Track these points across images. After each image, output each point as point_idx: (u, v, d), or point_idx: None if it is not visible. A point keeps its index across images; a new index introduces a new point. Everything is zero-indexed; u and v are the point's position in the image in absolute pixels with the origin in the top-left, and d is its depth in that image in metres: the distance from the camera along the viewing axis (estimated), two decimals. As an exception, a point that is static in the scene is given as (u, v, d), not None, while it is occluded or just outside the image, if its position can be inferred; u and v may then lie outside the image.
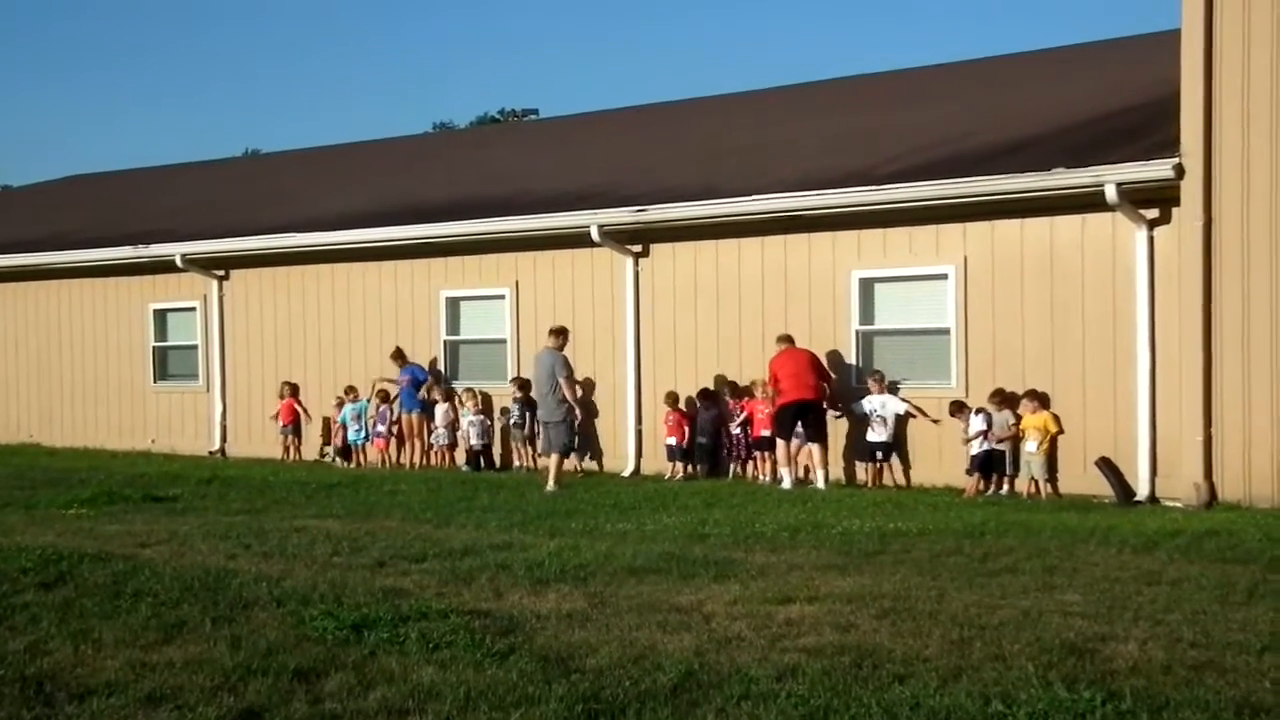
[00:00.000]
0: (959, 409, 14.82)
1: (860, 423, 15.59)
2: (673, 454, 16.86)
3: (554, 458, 15.50)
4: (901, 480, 15.47)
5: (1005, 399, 14.55)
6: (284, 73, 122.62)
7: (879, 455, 15.44)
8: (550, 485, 15.09)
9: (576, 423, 15.95)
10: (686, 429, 16.79)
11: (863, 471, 15.71)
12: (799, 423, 15.31)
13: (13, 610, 7.32)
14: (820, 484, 15.09)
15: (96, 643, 6.54)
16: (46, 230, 25.98)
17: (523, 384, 17.98)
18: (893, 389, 15.42)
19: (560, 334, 16.21)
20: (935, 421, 15.11)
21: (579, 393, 16.30)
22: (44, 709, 5.53)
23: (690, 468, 16.75)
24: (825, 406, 15.51)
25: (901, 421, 15.39)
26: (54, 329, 23.84)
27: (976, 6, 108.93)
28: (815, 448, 15.29)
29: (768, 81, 60.60)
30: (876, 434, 15.39)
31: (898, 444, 15.43)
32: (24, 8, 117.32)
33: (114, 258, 22.19)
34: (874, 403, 15.40)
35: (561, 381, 15.61)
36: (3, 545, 9.57)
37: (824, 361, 15.66)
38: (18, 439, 23.93)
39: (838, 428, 15.85)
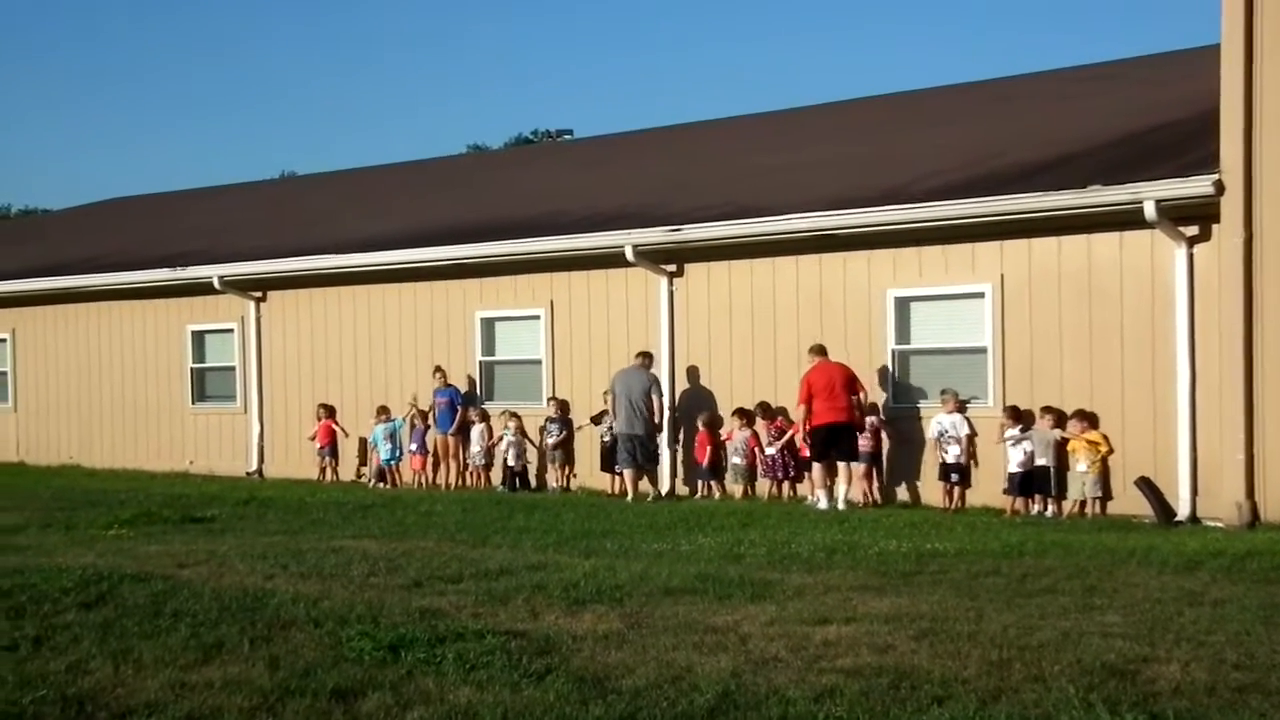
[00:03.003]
0: (1015, 416, 14.65)
1: (932, 443, 15.21)
2: (701, 474, 16.99)
3: (628, 473, 16.85)
4: (973, 502, 14.98)
5: (1057, 417, 14.34)
6: (319, 96, 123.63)
7: (954, 477, 15.01)
8: (644, 491, 16.77)
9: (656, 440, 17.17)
10: (709, 450, 16.90)
11: (939, 494, 15.18)
12: (833, 445, 15.18)
13: (54, 630, 7.37)
14: (840, 503, 14.89)
15: (136, 663, 6.58)
16: (85, 253, 26.25)
17: (561, 404, 18.08)
18: (962, 408, 15.09)
19: (649, 357, 17.09)
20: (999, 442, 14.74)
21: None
22: (84, 729, 5.56)
23: (720, 488, 16.84)
24: (857, 426, 15.27)
25: (973, 441, 15.03)
26: (93, 351, 24.06)
27: (1011, 23, 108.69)
28: (842, 466, 15.15)
29: (801, 100, 60.61)
30: (950, 455, 15.02)
31: (971, 465, 15.06)
32: (63, 33, 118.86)
33: (152, 279, 22.37)
34: (945, 423, 15.06)
35: (656, 401, 16.77)
36: (44, 566, 9.65)
37: (857, 376, 15.32)
38: (58, 460, 24.14)
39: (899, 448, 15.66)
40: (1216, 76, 13.10)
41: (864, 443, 15.51)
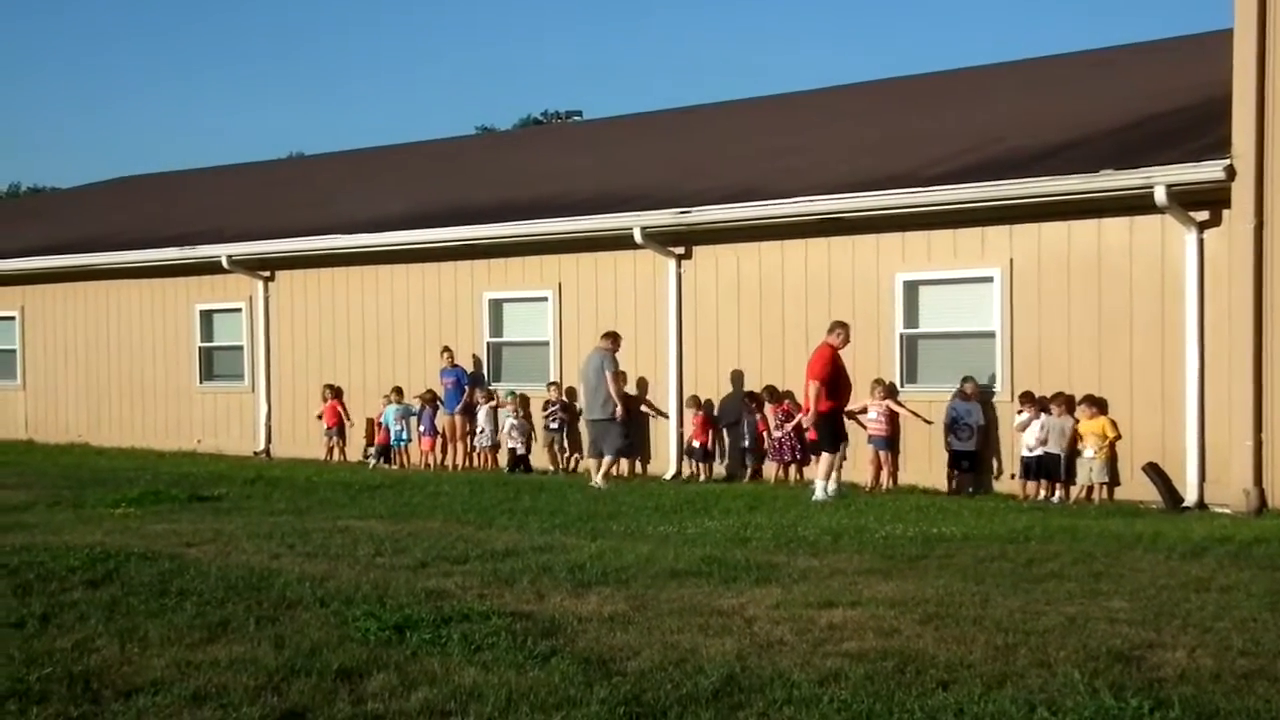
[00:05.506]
0: (1028, 401, 14.59)
1: (948, 430, 15.05)
2: (694, 455, 17.12)
3: (606, 460, 16.12)
4: (971, 486, 14.98)
5: (1066, 404, 14.30)
6: (328, 76, 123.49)
7: (964, 464, 14.94)
8: (597, 480, 15.77)
9: (621, 420, 16.33)
10: (712, 432, 16.99)
11: (950, 480, 15.08)
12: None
13: (61, 608, 7.39)
14: (818, 492, 13.97)
15: (143, 641, 6.60)
16: (94, 231, 26.27)
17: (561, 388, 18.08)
18: (986, 396, 14.96)
19: (612, 338, 16.64)
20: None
21: (623, 390, 16.57)
22: (91, 706, 5.57)
23: (709, 469, 17.01)
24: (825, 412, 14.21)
25: (986, 429, 14.97)
26: (102, 330, 24.08)
27: (1022, 7, 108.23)
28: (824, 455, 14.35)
29: (811, 83, 60.40)
30: (963, 442, 14.90)
31: (983, 452, 14.98)
32: (71, 13, 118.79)
33: (161, 259, 22.39)
34: (959, 410, 14.91)
35: (607, 376, 16.12)
36: (52, 544, 9.68)
37: (813, 360, 14.29)
38: (66, 439, 24.18)
39: (909, 433, 15.56)
40: (1228, 61, 13.03)
41: (878, 427, 15.50)
